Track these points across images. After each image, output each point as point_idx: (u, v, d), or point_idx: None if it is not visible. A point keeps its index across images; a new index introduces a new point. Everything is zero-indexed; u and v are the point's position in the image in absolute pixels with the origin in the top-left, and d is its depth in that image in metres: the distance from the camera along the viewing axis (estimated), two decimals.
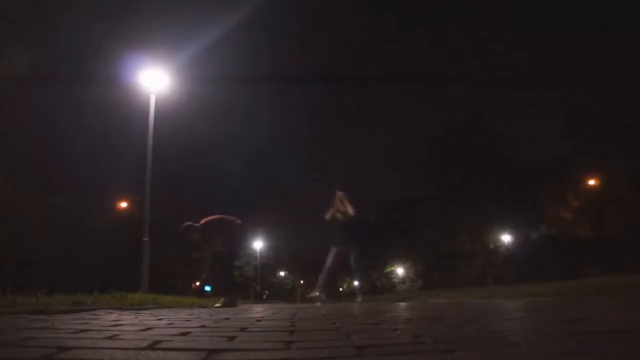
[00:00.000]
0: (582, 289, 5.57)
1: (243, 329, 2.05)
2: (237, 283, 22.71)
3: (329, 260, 7.92)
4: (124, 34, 21.51)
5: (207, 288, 6.96)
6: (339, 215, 7.95)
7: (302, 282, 68.08)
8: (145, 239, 9.99)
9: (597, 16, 28.87)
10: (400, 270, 47.90)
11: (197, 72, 29.76)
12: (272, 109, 73.83)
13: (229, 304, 6.54)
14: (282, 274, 59.59)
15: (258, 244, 46.35)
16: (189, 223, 7.25)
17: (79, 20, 20.47)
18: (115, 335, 1.76)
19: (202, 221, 7.19)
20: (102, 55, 21.43)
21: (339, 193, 8.14)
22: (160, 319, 2.76)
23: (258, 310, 4.89)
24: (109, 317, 2.91)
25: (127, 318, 2.88)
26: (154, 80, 11.38)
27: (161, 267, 22.33)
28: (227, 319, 2.90)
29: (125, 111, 20.55)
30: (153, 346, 1.44)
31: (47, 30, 19.39)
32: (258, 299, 42.08)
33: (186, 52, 20.95)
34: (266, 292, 56.72)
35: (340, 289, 64.71)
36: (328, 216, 8.07)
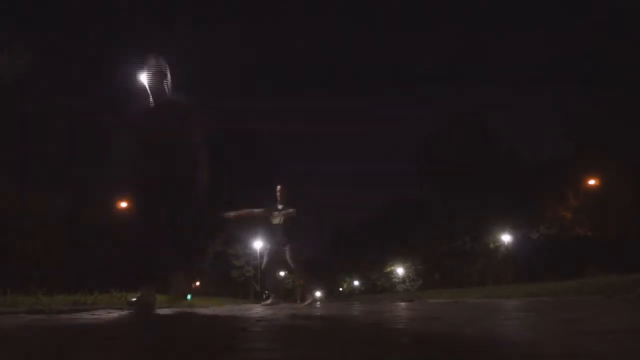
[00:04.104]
0: (582, 289, 5.57)
1: (243, 329, 2.04)
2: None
3: (266, 259, 7.24)
4: (125, 34, 21.52)
5: (189, 296, 6.61)
6: (276, 214, 7.27)
7: (302, 282, 67.99)
8: None
9: (597, 16, 28.87)
10: (400, 270, 47.88)
11: (196, 72, 29.80)
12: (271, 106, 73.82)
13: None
14: (281, 273, 59.50)
15: (258, 244, 46.26)
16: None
17: (80, 19, 20.48)
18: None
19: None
20: (102, 55, 21.46)
21: (281, 187, 7.24)
22: None
23: (258, 310, 4.89)
24: (109, 317, 2.90)
25: None
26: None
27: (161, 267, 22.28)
28: None
29: (125, 111, 20.55)
30: None
31: (48, 30, 19.40)
32: (258, 299, 42.01)
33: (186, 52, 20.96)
34: (266, 292, 56.67)
35: (340, 289, 64.64)
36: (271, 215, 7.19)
